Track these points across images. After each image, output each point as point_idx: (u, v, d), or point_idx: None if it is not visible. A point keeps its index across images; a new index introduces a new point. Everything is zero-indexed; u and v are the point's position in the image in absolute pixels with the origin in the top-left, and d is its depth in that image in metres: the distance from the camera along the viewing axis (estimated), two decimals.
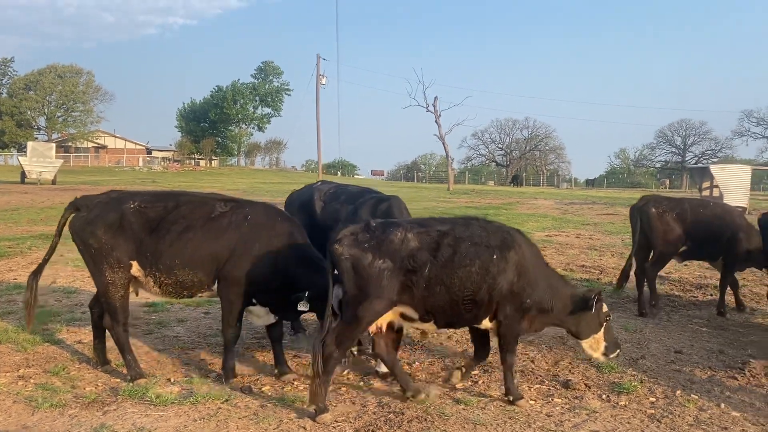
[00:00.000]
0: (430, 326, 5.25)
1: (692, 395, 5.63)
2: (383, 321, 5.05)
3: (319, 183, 7.38)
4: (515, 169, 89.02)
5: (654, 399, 5.56)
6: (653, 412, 5.23)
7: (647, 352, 6.79)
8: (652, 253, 9.10)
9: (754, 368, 6.32)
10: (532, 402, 5.32)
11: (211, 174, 65.16)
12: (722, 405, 5.42)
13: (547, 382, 5.88)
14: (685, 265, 11.73)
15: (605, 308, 5.51)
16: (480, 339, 5.58)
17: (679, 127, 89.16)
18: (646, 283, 8.85)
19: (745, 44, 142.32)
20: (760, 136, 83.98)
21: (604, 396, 5.58)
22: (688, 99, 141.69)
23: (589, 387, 5.73)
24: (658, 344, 7.06)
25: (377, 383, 5.64)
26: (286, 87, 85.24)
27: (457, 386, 5.63)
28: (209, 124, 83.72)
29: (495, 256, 5.01)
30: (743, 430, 4.97)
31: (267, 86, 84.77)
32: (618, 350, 5.71)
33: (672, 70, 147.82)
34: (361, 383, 5.65)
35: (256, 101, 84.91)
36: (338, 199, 6.84)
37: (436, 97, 45.89)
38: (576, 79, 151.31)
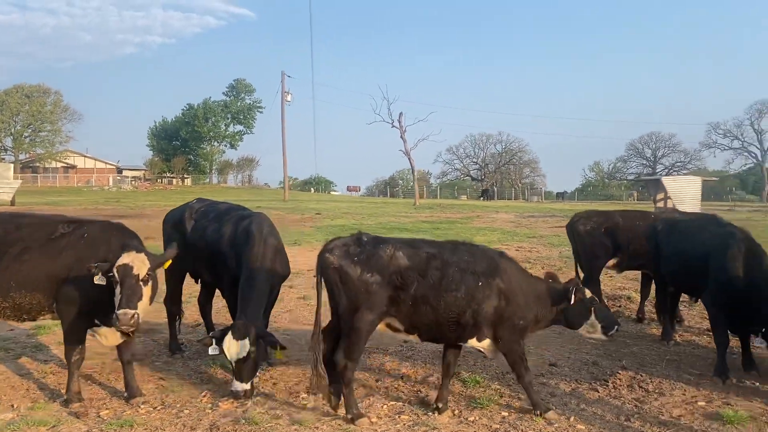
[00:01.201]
0: (414, 338, 5.46)
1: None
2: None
3: (194, 201, 7.29)
4: (490, 183, 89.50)
5: (506, 414, 5.52)
6: (498, 427, 5.19)
7: None
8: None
9: (619, 380, 6.33)
10: (376, 420, 5.25)
11: (181, 193, 64.54)
12: (572, 418, 5.39)
13: (404, 398, 5.82)
14: (611, 276, 11.86)
15: (588, 293, 5.65)
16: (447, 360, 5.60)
17: (650, 140, 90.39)
18: None
19: (712, 57, 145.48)
20: (726, 148, 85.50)
21: (456, 412, 5.53)
22: (658, 112, 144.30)
23: (446, 402, 5.66)
24: (536, 357, 7.03)
25: (225, 404, 5.54)
26: (258, 104, 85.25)
27: (308, 406, 5.55)
28: (181, 143, 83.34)
29: (480, 283, 5.17)
30: None
31: (239, 104, 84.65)
32: (617, 326, 5.76)
33: (644, 84, 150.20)
34: (210, 405, 5.55)
35: (228, 119, 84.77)
36: (207, 217, 6.75)
37: (401, 113, 46.00)
38: (548, 95, 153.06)
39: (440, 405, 5.42)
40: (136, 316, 4.93)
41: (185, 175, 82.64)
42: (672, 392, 6.03)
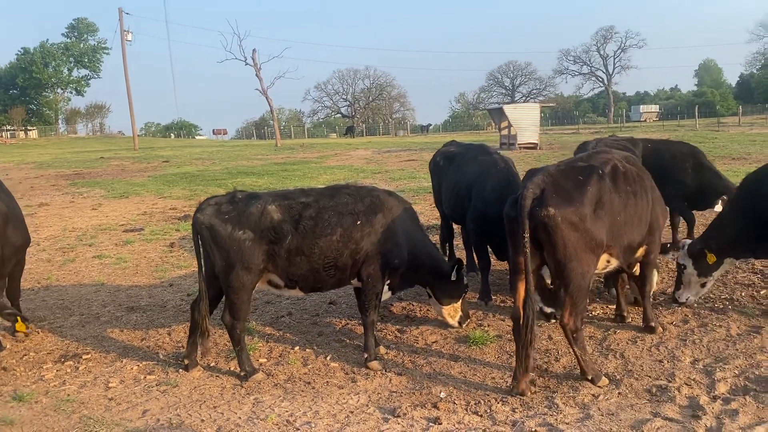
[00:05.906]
0: (296, 292, 5.30)
1: (307, 349, 5.61)
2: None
3: None
4: (362, 119, 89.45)
5: (266, 360, 5.47)
6: (245, 374, 5.09)
7: (299, 308, 6.72)
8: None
9: (390, 312, 6.46)
10: (118, 384, 5.00)
11: (23, 147, 58.77)
12: (328, 357, 5.43)
13: (162, 357, 5.58)
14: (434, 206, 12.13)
15: (465, 280, 5.65)
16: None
17: (507, 69, 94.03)
18: None
19: None
20: (577, 73, 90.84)
21: (213, 363, 5.39)
22: (516, 42, 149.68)
23: (205, 356, 5.49)
24: (317, 296, 6.99)
25: None
26: (103, 45, 78.21)
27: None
28: (19, 91, 75.21)
29: (359, 222, 5.05)
30: (327, 381, 4.98)
31: (82, 45, 77.31)
32: (468, 320, 5.84)
33: (500, 15, 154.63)
34: None
35: (71, 63, 77.35)
36: None
37: (254, 50, 44.09)
38: (410, 31, 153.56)
39: (187, 362, 5.23)
40: None
41: (29, 127, 75.10)
42: (436, 319, 6.24)
